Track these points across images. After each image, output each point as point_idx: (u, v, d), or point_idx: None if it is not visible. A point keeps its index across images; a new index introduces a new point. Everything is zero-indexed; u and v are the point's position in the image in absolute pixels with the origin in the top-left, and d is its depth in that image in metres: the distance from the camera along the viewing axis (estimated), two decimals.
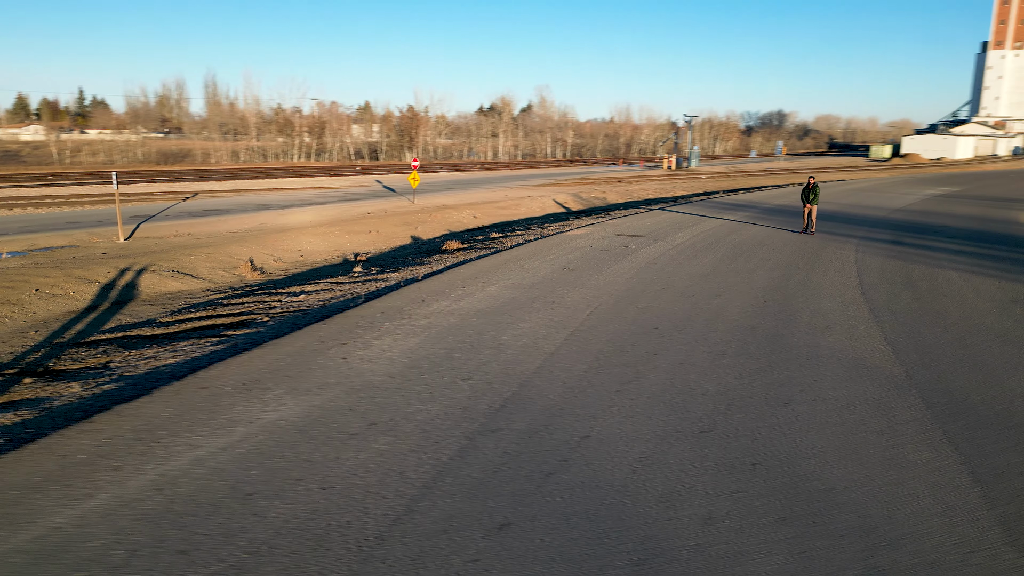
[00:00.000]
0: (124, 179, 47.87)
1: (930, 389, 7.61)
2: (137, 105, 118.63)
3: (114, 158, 74.84)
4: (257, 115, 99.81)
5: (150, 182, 46.64)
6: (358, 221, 28.40)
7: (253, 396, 7.50)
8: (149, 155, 76.44)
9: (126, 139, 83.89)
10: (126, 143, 79.29)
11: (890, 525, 4.96)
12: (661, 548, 4.72)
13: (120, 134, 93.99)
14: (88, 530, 4.95)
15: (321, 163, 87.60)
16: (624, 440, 6.40)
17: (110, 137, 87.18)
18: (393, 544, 4.80)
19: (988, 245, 18.74)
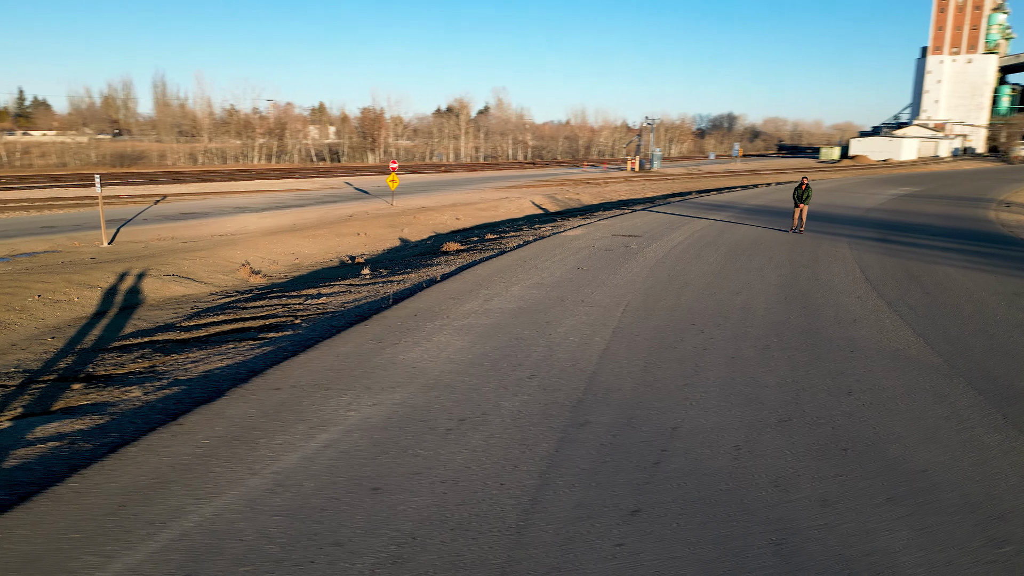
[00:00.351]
0: (85, 182, 46.40)
1: (974, 377, 8.10)
2: (81, 106, 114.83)
3: (67, 160, 72.30)
4: (210, 116, 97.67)
5: (111, 185, 45.26)
6: (343, 224, 28.21)
7: (331, 396, 7.54)
8: (103, 157, 74.07)
9: (77, 141, 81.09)
10: (78, 145, 76.64)
11: (991, 501, 5.34)
12: (792, 528, 5.00)
13: (65, 135, 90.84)
14: (231, 527, 4.99)
15: (283, 165, 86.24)
16: (712, 430, 6.68)
17: (60, 139, 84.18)
18: (536, 531, 4.97)
19: (970, 242, 19.74)
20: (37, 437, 6.90)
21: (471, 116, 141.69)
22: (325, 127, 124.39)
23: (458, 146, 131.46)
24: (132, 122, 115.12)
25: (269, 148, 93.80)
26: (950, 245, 18.97)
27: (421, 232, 28.34)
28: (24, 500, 5.43)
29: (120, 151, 77.48)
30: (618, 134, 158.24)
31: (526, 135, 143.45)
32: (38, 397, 8.75)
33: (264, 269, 19.62)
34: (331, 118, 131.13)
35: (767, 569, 4.52)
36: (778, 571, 4.49)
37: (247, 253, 20.88)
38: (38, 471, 6.00)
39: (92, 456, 6.23)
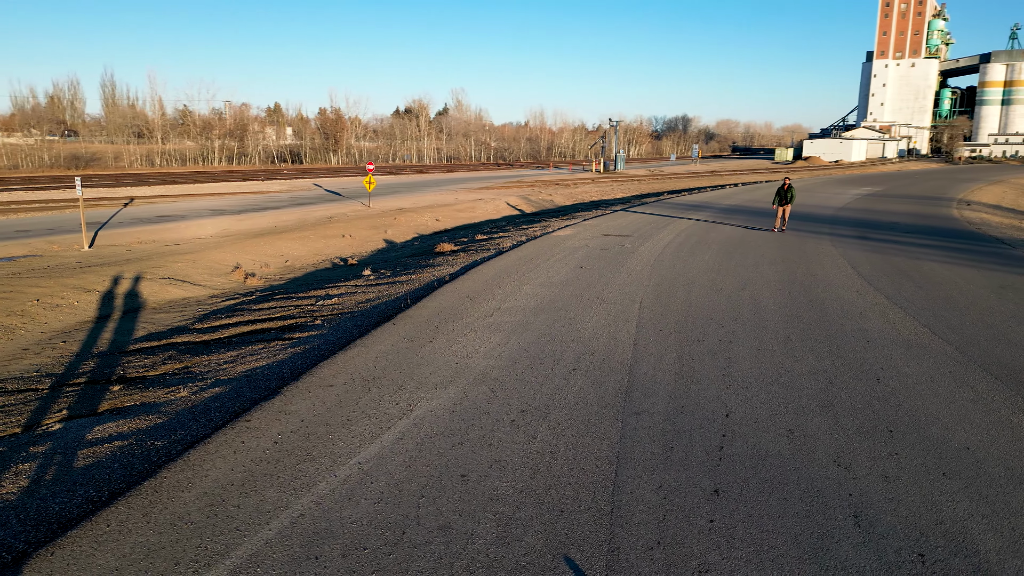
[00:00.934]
0: (45, 185, 45.03)
1: (987, 363, 8.68)
2: (26, 106, 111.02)
3: (18, 163, 69.85)
4: (163, 117, 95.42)
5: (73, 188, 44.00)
6: (325, 225, 28.07)
7: (388, 392, 7.70)
8: (57, 159, 71.78)
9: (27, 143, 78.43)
10: (30, 147, 74.14)
11: None
12: (864, 502, 5.38)
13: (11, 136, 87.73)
14: (337, 514, 5.15)
15: (246, 167, 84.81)
16: (763, 416, 7.06)
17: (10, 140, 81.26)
18: (628, 510, 5.25)
19: (943, 238, 20.73)
20: (97, 438, 6.90)
21: (431, 117, 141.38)
22: (282, 128, 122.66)
23: (420, 147, 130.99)
24: (80, 123, 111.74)
25: (229, 150, 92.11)
26: (927, 242, 19.90)
27: (404, 233, 28.39)
28: (118, 496, 5.50)
29: (74, 153, 75.14)
30: (578, 136, 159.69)
31: (488, 136, 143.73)
32: (77, 400, 8.69)
33: (257, 271, 19.48)
34: (288, 119, 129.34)
35: (852, 539, 4.88)
36: (863, 539, 4.86)
37: (237, 255, 20.69)
38: (117, 469, 6.04)
39: (169, 453, 6.29)
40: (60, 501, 5.50)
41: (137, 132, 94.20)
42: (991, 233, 22.91)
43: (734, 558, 4.65)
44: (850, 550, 4.72)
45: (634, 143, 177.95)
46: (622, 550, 4.75)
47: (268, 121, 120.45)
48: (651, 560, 4.63)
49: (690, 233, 21.68)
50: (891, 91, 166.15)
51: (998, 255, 17.74)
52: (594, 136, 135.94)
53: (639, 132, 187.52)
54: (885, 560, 4.61)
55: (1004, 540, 4.84)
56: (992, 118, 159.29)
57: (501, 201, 40.48)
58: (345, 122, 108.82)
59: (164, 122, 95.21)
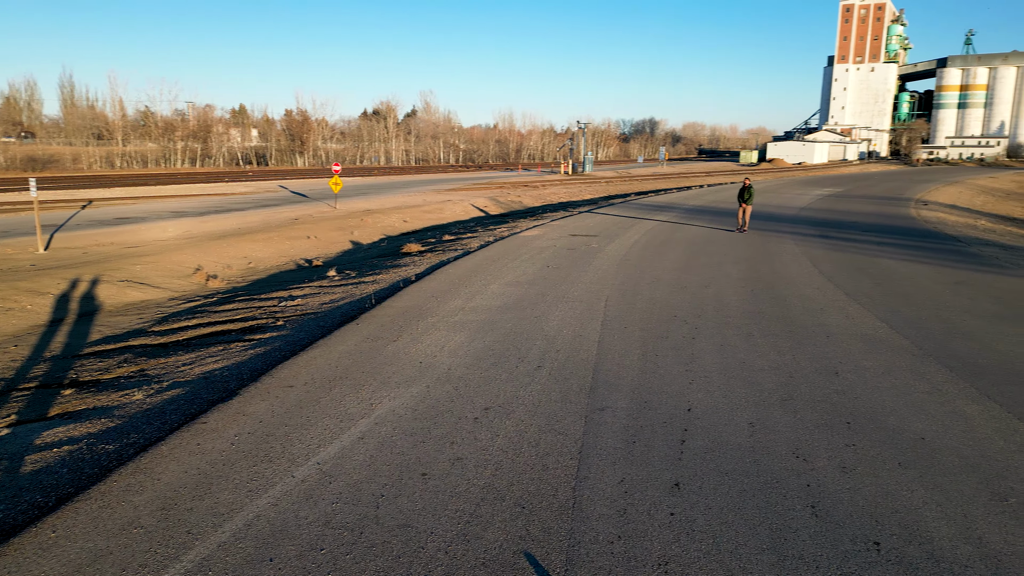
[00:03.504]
0: (0, 187, 43.73)
1: (941, 356, 8.86)
2: None
3: None
4: (123, 118, 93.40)
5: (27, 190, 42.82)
6: (291, 227, 27.70)
7: (348, 391, 7.59)
8: (13, 161, 69.80)
9: None
10: None
11: (987, 462, 5.94)
12: (822, 492, 5.44)
13: None
14: (295, 515, 5.04)
15: (210, 169, 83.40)
16: (724, 410, 7.11)
17: None
18: (590, 505, 5.23)
19: (901, 237, 21.19)
20: (47, 442, 6.68)
21: (399, 119, 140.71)
22: (247, 130, 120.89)
23: (388, 149, 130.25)
24: (37, 124, 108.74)
25: (192, 151, 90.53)
26: (885, 240, 20.33)
27: (371, 235, 28.15)
28: (65, 502, 5.32)
29: (30, 154, 73.17)
30: (547, 138, 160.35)
31: (456, 139, 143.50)
32: (27, 404, 8.41)
33: (220, 273, 19.12)
34: (253, 121, 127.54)
35: (810, 529, 4.93)
36: (820, 529, 4.91)
37: (199, 258, 20.29)
38: (66, 474, 5.85)
39: (121, 457, 6.12)
40: (3, 508, 5.30)
41: (97, 134, 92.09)
42: (947, 232, 23.49)
43: (694, 550, 4.65)
44: (807, 540, 4.76)
45: (602, 145, 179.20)
46: (582, 545, 4.72)
47: (233, 123, 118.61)
48: (611, 554, 4.61)
49: (656, 233, 21.85)
50: (852, 95, 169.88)
51: (954, 252, 18.19)
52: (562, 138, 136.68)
53: (607, 135, 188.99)
54: (841, 549, 4.65)
55: (956, 527, 4.92)
56: (949, 121, 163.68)
57: (469, 202, 40.38)
58: (312, 124, 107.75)
59: (125, 123, 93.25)
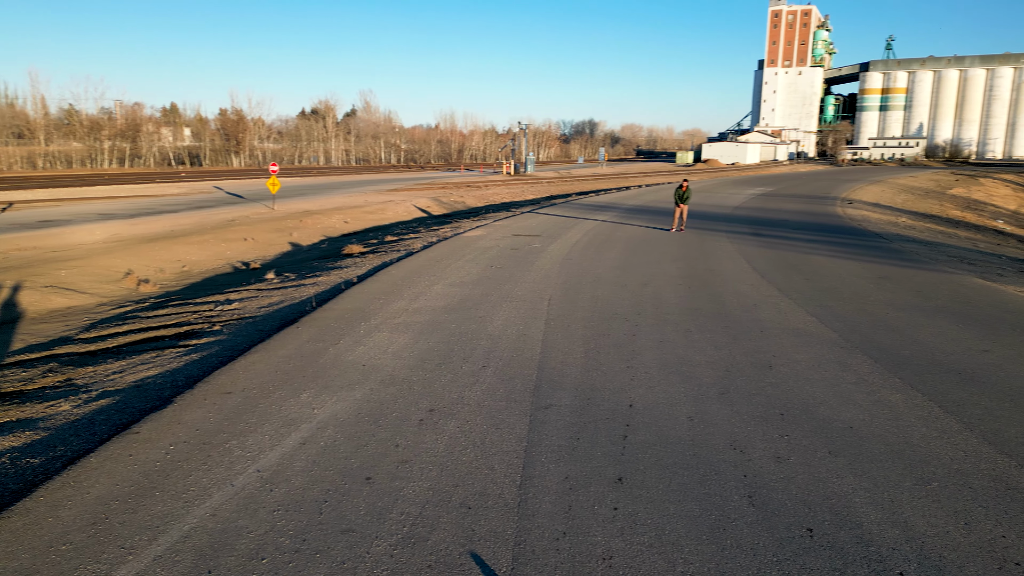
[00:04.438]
0: None
1: (867, 348, 9.27)
2: None
3: None
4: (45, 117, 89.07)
5: None
6: (227, 229, 26.95)
7: (289, 396, 7.45)
8: None
9: None
10: None
11: (911, 448, 6.25)
12: (758, 482, 5.63)
13: None
14: (234, 524, 4.92)
15: (140, 169, 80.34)
16: (664, 405, 7.27)
17: None
18: (535, 503, 5.28)
19: (829, 234, 22.06)
20: None
21: (338, 119, 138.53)
22: (180, 129, 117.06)
23: (328, 149, 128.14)
24: None
25: (120, 151, 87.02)
26: (814, 237, 21.12)
27: (311, 236, 27.64)
28: None
29: None
30: (489, 138, 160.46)
31: (398, 138, 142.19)
32: None
33: (152, 277, 18.45)
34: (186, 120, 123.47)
35: (747, 518, 5.09)
36: (757, 518, 5.07)
37: (129, 261, 19.53)
38: None
39: (47, 471, 5.85)
40: None
41: (17, 133, 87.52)
42: (871, 229, 24.57)
43: (637, 543, 4.75)
44: (745, 529, 4.92)
45: (543, 146, 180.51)
46: (528, 543, 4.76)
47: (164, 122, 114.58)
48: (557, 551, 4.67)
49: (597, 233, 22.15)
50: (781, 97, 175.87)
51: (877, 248, 19.04)
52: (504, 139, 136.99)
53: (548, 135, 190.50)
54: (777, 536, 4.82)
55: (883, 511, 5.16)
56: (871, 123, 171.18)
57: (412, 203, 40.08)
58: (248, 123, 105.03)
59: (47, 122, 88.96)
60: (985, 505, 5.19)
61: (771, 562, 4.52)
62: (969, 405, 7.20)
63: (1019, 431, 6.52)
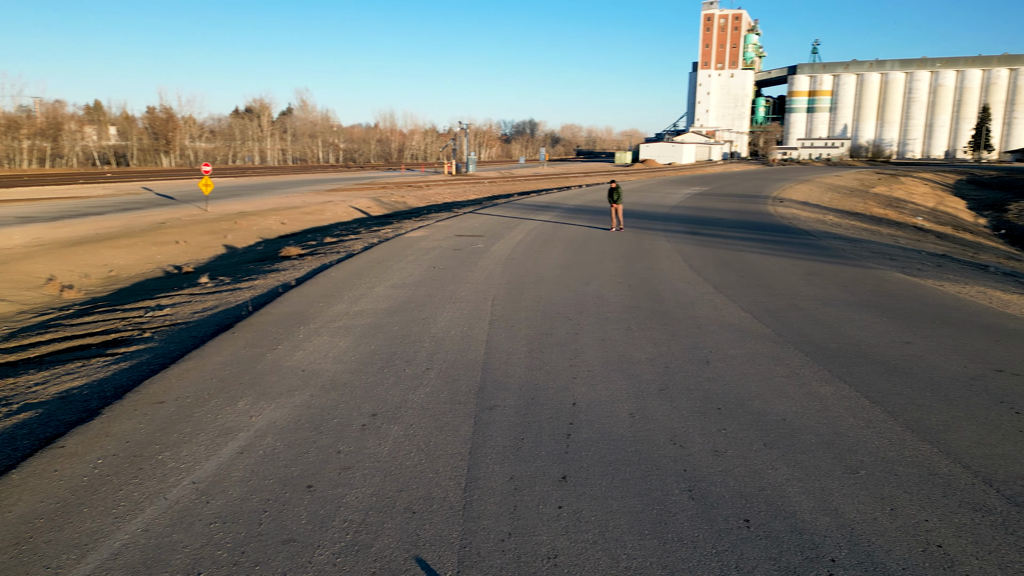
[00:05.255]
0: None
1: (798, 342, 9.61)
2: None
3: None
4: None
5: None
6: (156, 232, 26.01)
7: (225, 404, 7.24)
8: None
9: None
10: None
11: (840, 438, 6.51)
12: (697, 476, 5.77)
13: None
14: (168, 539, 4.76)
15: (61, 170, 76.64)
16: (606, 402, 7.37)
17: None
18: (481, 504, 5.28)
19: (761, 232, 22.77)
20: None
21: (273, 117, 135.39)
22: (104, 128, 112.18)
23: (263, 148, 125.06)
24: None
25: (40, 151, 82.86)
26: (747, 235, 21.77)
27: (247, 238, 26.93)
28: None
29: None
30: (429, 138, 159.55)
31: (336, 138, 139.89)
32: None
33: (76, 283, 17.64)
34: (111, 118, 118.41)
35: (688, 511, 5.21)
36: (697, 511, 5.20)
37: (51, 267, 18.62)
38: None
39: None
40: None
41: None
42: (800, 226, 25.48)
43: (581, 541, 4.80)
44: (685, 522, 5.03)
45: (484, 146, 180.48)
46: (474, 545, 4.75)
47: (87, 120, 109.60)
48: (503, 552, 4.68)
49: (539, 233, 22.29)
50: (714, 99, 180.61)
51: (807, 246, 19.77)
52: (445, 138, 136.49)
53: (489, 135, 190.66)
54: (716, 528, 4.95)
55: (816, 500, 5.36)
56: (799, 124, 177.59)
57: (351, 203, 39.48)
58: (178, 121, 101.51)
59: None
60: (909, 491, 5.45)
61: (710, 554, 4.64)
62: (893, 395, 7.55)
63: (939, 419, 6.87)
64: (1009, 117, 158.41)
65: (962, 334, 9.97)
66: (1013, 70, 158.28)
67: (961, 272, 16.58)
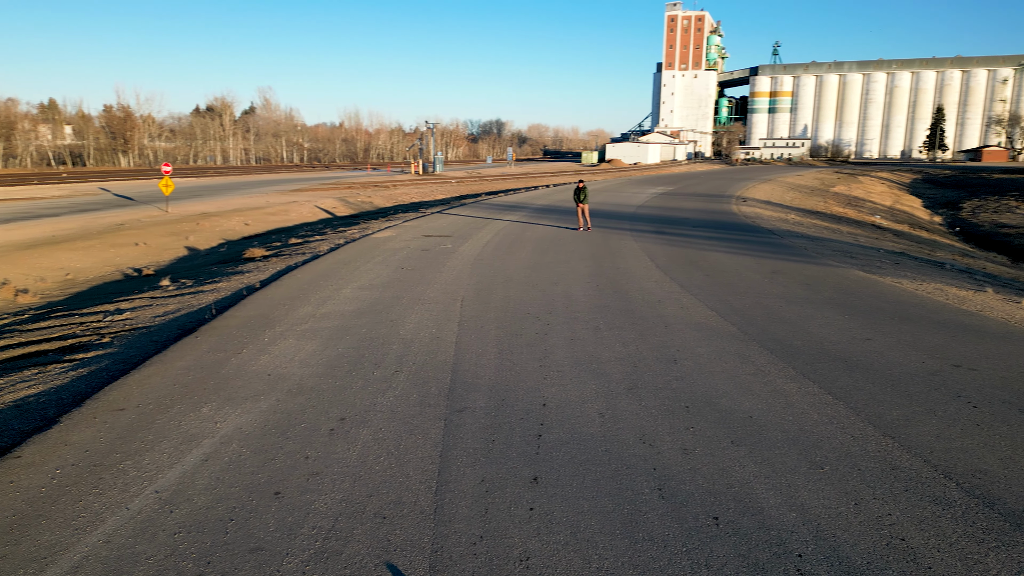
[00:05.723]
0: None
1: (763, 340, 9.76)
2: None
3: None
4: None
5: None
6: (115, 233, 25.39)
7: (189, 410, 7.09)
8: None
9: None
10: None
11: (804, 435, 6.62)
12: (666, 475, 5.81)
13: None
14: (130, 551, 4.64)
15: (15, 170, 74.35)
16: (576, 402, 7.39)
17: None
18: (452, 508, 5.25)
19: (726, 231, 23.08)
20: None
21: (236, 116, 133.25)
22: (60, 127, 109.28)
23: (225, 148, 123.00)
24: None
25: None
26: (712, 234, 22.06)
27: (209, 240, 26.44)
28: None
29: None
30: (396, 137, 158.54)
31: (300, 137, 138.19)
32: None
33: (32, 287, 17.12)
34: (67, 116, 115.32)
35: (658, 510, 5.25)
36: (667, 510, 5.24)
37: (4, 270, 18.05)
38: None
39: None
40: None
41: None
42: (763, 225, 25.90)
43: (553, 543, 4.80)
44: (656, 521, 5.07)
45: (451, 145, 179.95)
46: (445, 549, 4.72)
47: (41, 119, 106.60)
48: (474, 555, 4.65)
49: (507, 233, 22.29)
50: (679, 99, 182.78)
51: (770, 244, 20.10)
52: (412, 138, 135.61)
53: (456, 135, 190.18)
54: (686, 527, 4.99)
55: (782, 496, 5.44)
56: (761, 124, 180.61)
57: (317, 204, 39.03)
58: (136, 120, 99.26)
59: None
60: (873, 485, 5.56)
61: (681, 552, 4.68)
62: (855, 391, 7.71)
63: (900, 414, 7.03)
64: (962, 118, 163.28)
65: (920, 330, 10.23)
66: (965, 72, 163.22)
67: (918, 269, 17.02)
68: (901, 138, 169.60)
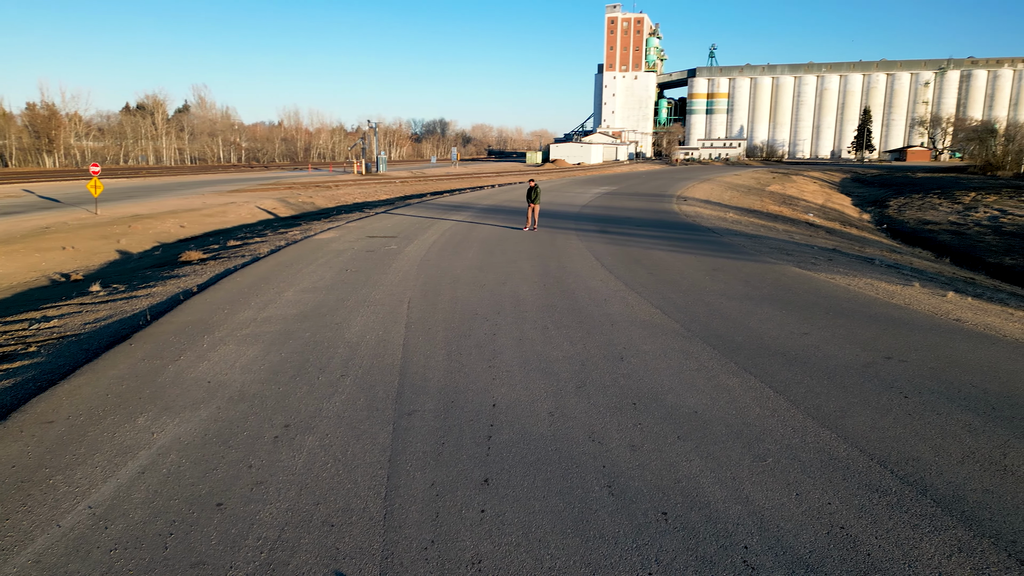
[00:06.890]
0: None
1: (705, 336, 9.97)
2: None
3: None
4: None
5: None
6: (40, 237, 24.22)
7: (124, 421, 6.80)
8: None
9: None
10: None
11: (748, 428, 6.78)
12: (615, 472, 5.87)
13: None
14: (62, 570, 4.42)
15: None
16: (526, 402, 7.40)
17: None
18: (402, 513, 5.18)
19: (667, 230, 23.51)
20: None
21: (169, 115, 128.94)
22: None
23: (158, 147, 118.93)
24: None
25: None
26: (655, 233, 22.44)
27: (143, 243, 25.48)
28: None
29: None
30: (337, 137, 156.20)
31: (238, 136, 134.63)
32: None
33: None
34: None
35: (608, 507, 5.29)
36: (617, 507, 5.29)
37: None
38: None
39: None
40: None
41: None
42: (704, 224, 26.50)
43: (505, 544, 4.79)
44: (606, 518, 5.11)
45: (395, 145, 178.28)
46: (396, 555, 4.66)
47: None
48: (425, 560, 4.60)
49: (453, 233, 22.19)
50: (620, 100, 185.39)
51: (710, 243, 20.58)
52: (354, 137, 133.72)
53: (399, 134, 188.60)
54: (636, 523, 5.05)
55: (728, 490, 5.56)
56: (700, 125, 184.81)
57: (256, 204, 38.07)
58: (62, 119, 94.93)
59: None
60: (813, 476, 5.74)
61: (631, 548, 4.73)
62: (794, 384, 7.95)
63: (837, 405, 7.28)
64: (888, 119, 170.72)
65: (854, 324, 10.62)
66: (890, 75, 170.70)
67: (850, 265, 17.68)
68: (831, 139, 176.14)
